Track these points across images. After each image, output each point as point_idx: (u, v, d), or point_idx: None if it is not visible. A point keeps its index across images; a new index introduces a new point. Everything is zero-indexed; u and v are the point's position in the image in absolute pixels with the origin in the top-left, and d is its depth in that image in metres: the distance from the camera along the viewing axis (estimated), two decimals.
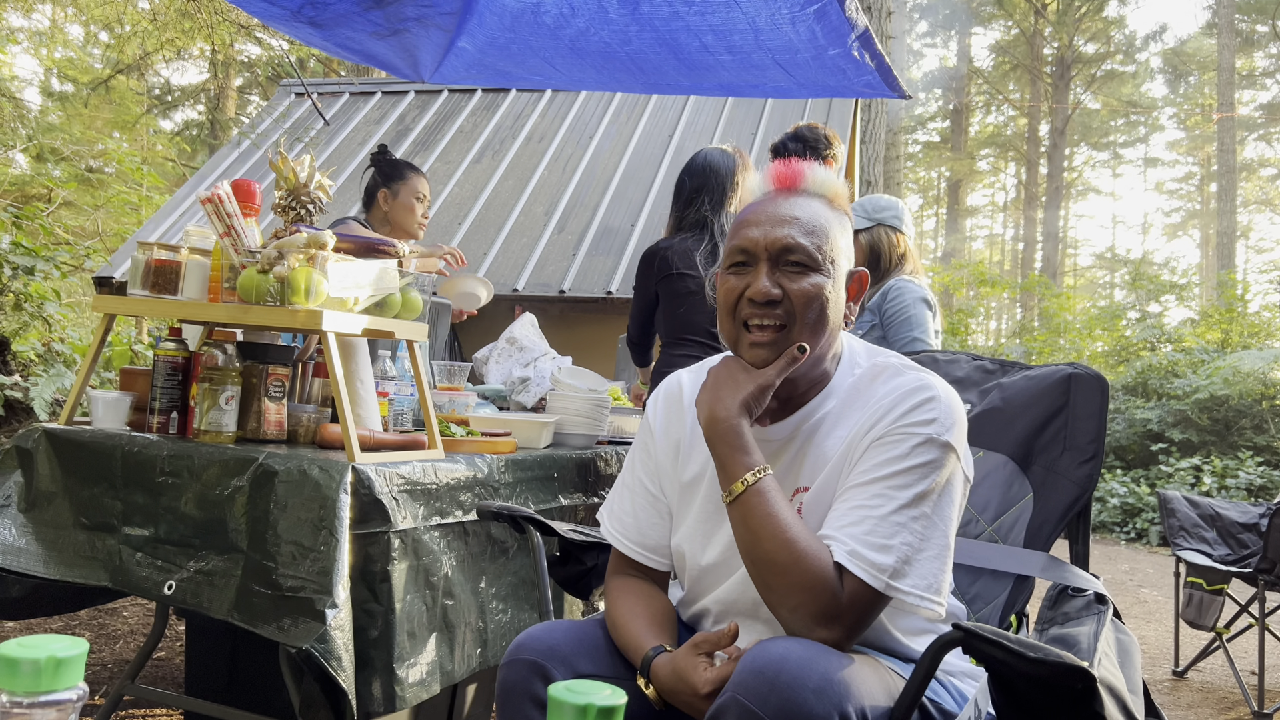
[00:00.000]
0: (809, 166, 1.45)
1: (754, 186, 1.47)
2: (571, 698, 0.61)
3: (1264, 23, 23.76)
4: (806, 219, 1.38)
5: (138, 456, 1.94)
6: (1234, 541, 4.25)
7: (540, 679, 1.32)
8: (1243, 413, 10.56)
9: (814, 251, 1.36)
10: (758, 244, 1.37)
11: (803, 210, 1.39)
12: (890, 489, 1.28)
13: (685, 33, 3.03)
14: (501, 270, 7.02)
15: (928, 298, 3.08)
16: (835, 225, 1.41)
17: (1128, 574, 7.25)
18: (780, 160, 1.47)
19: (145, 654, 2.29)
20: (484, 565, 2.11)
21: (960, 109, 29.55)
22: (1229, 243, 21.40)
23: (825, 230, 1.38)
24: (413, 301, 2.12)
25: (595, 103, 8.96)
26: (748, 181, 1.50)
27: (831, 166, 3.90)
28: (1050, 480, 1.75)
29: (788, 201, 1.40)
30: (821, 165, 1.47)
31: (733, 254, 1.40)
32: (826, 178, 1.44)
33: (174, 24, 6.46)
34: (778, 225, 1.37)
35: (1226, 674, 4.28)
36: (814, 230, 1.37)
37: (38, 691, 0.59)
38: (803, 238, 1.36)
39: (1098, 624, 1.37)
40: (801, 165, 1.45)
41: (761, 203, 1.42)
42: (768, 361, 1.35)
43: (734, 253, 1.40)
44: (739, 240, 1.40)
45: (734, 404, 1.34)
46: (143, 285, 2.04)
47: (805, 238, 1.36)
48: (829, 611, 1.23)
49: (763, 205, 1.41)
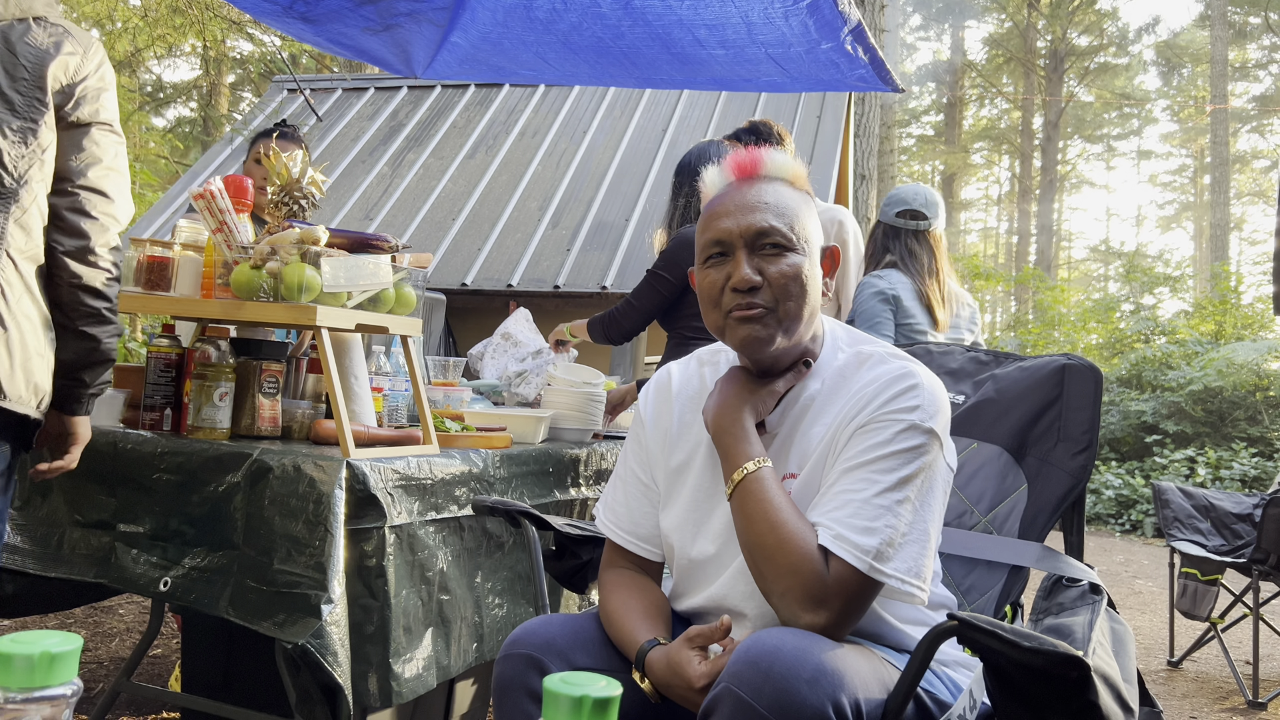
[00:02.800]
0: (766, 152, 1.46)
1: (714, 179, 1.48)
2: (567, 690, 0.61)
3: (1257, 14, 23.79)
4: (775, 202, 1.39)
5: (132, 453, 1.93)
6: (1228, 532, 4.27)
7: (536, 673, 1.32)
8: (1236, 404, 10.60)
9: (788, 232, 1.38)
10: (731, 233, 1.38)
11: (770, 194, 1.40)
12: (874, 473, 1.29)
13: (678, 27, 3.03)
14: (495, 266, 7.01)
15: (886, 292, 3.10)
16: (802, 205, 1.43)
17: (1123, 565, 7.27)
18: (736, 151, 1.47)
19: (141, 651, 2.29)
20: (479, 560, 2.11)
21: (954, 102, 29.56)
22: (1222, 235, 21.44)
23: (795, 210, 1.40)
24: (407, 296, 2.11)
25: (589, 98, 8.95)
26: (706, 175, 1.49)
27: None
28: (1045, 471, 1.76)
29: (752, 188, 1.41)
30: (778, 149, 1.47)
31: (708, 247, 1.41)
32: (785, 161, 1.46)
33: (165, 20, 6.44)
34: (748, 212, 1.38)
35: (1221, 664, 4.30)
36: (784, 212, 1.39)
37: (32, 687, 0.59)
38: (775, 220, 1.38)
39: (1092, 614, 1.37)
40: (759, 152, 1.46)
41: (726, 193, 1.43)
42: (757, 343, 1.36)
43: (709, 245, 1.41)
44: (712, 233, 1.41)
45: (741, 402, 1.39)
46: (135, 282, 2.04)
47: (778, 219, 1.38)
48: (815, 595, 1.23)
49: (728, 195, 1.42)
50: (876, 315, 3.08)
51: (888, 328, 3.08)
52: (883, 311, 3.09)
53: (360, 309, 1.99)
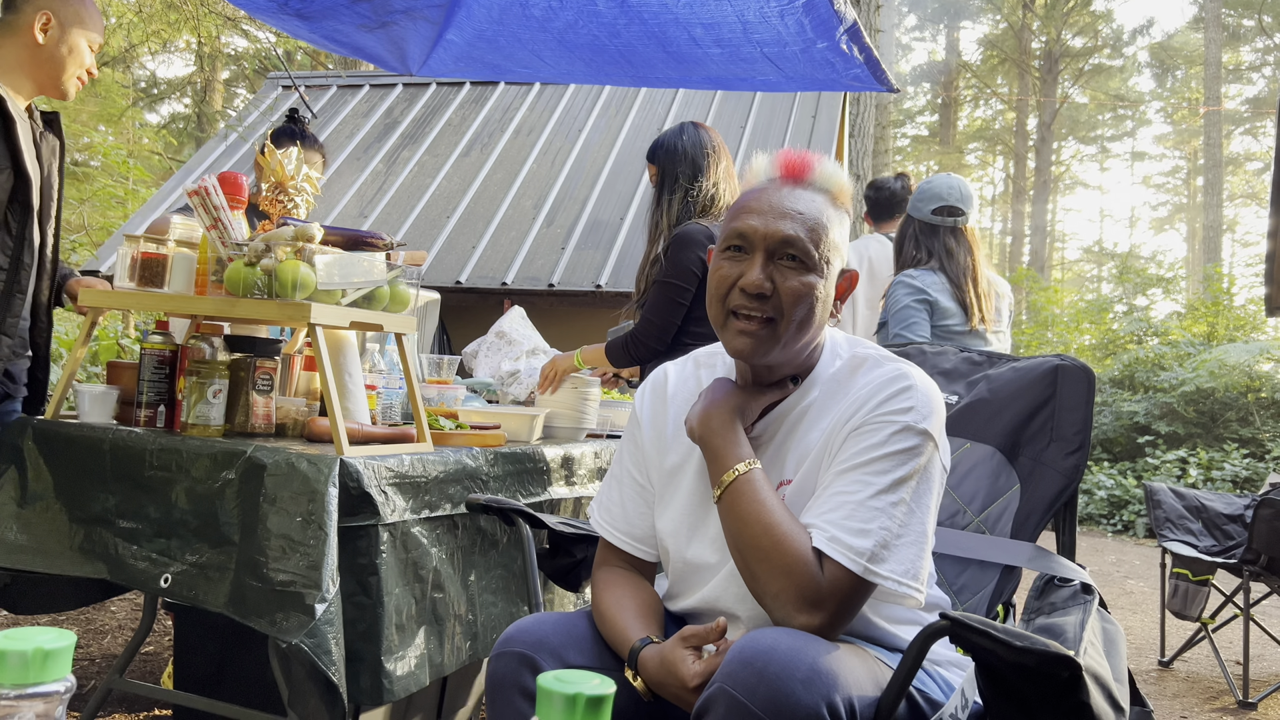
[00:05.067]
0: (819, 158, 1.44)
1: (760, 169, 1.46)
2: (560, 687, 0.61)
3: (1250, 17, 23.86)
4: (809, 214, 1.37)
5: (126, 451, 1.93)
6: (1219, 533, 4.28)
7: (529, 671, 1.32)
8: (1228, 405, 10.63)
9: (811, 249, 1.36)
10: (756, 232, 1.37)
11: (806, 204, 1.38)
12: (868, 475, 1.29)
13: (674, 26, 3.03)
14: (490, 264, 7.00)
15: (922, 293, 3.07)
16: (835, 223, 1.40)
17: (1115, 565, 7.29)
18: (791, 149, 1.45)
19: (133, 648, 2.29)
20: (473, 558, 2.11)
21: (948, 103, 29.60)
22: (1215, 236, 21.52)
23: (825, 228, 1.38)
24: (401, 294, 2.11)
25: (584, 96, 8.94)
26: (754, 162, 1.46)
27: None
28: (1037, 471, 1.77)
29: (792, 193, 1.40)
30: (830, 158, 1.46)
31: (730, 237, 1.40)
32: (834, 172, 1.43)
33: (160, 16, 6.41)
34: (779, 218, 1.37)
35: (1212, 664, 4.32)
36: (814, 226, 1.37)
37: (25, 684, 0.59)
38: (803, 234, 1.36)
39: (1084, 613, 1.38)
40: (811, 156, 1.43)
41: (765, 189, 1.41)
42: (751, 352, 1.36)
43: (732, 235, 1.39)
44: (739, 224, 1.39)
45: (727, 407, 1.38)
46: (129, 279, 2.04)
47: (805, 234, 1.36)
48: (810, 596, 1.23)
49: (766, 193, 1.40)
50: (911, 317, 3.04)
51: (924, 328, 3.04)
52: (919, 312, 3.05)
53: (355, 306, 1.99)
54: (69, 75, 2.33)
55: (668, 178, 2.90)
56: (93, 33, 2.35)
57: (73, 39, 2.30)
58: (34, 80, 2.31)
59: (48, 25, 2.27)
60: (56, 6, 2.28)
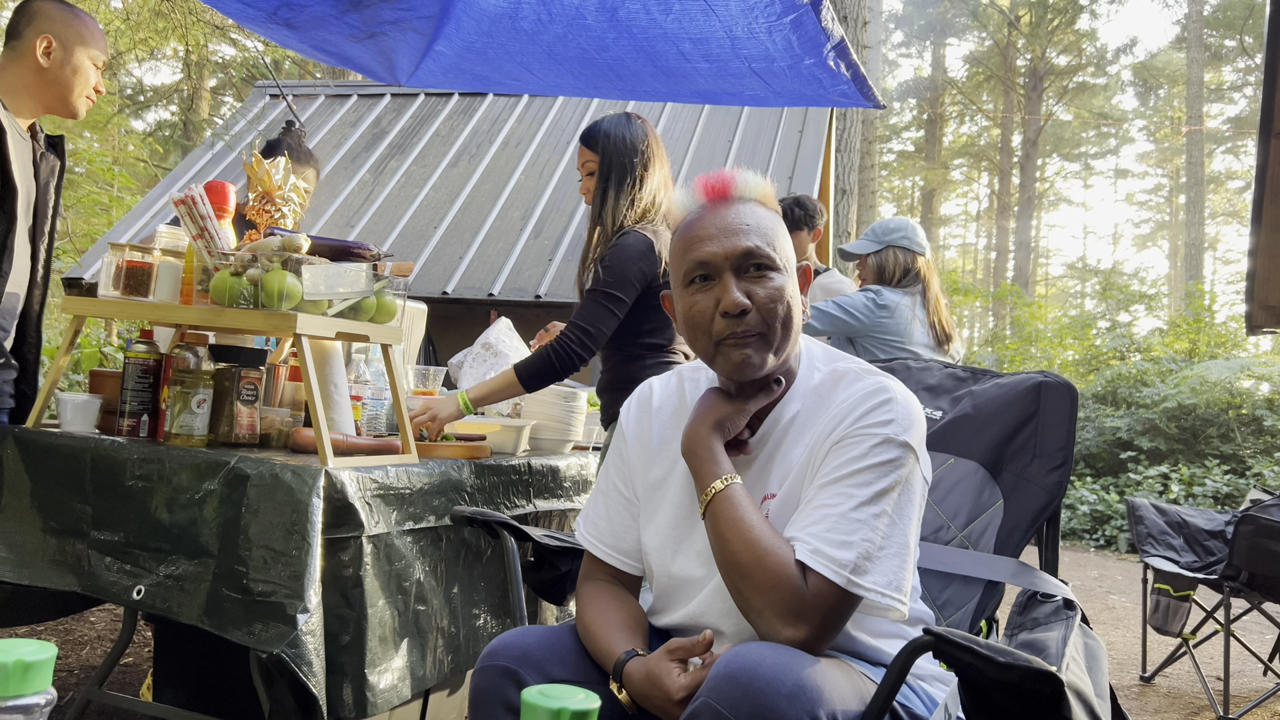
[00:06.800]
0: (737, 172, 1.45)
1: (686, 201, 1.46)
2: (545, 702, 0.61)
3: (1232, 37, 24.15)
4: (754, 223, 1.40)
5: (107, 460, 1.91)
6: (1200, 549, 4.31)
7: (513, 684, 1.32)
8: (1210, 421, 10.71)
9: (771, 253, 1.38)
10: (716, 255, 1.38)
11: (748, 215, 1.40)
12: (850, 487, 1.29)
13: (662, 40, 3.04)
14: (477, 275, 7.00)
15: (883, 301, 3.30)
16: (778, 224, 1.44)
17: (1097, 580, 7.32)
18: (704, 174, 1.46)
19: (113, 659, 2.26)
20: (457, 571, 2.10)
21: (934, 119, 29.81)
22: (1197, 254, 21.71)
23: (774, 230, 1.41)
24: (388, 305, 2.11)
25: (572, 108, 8.97)
26: (675, 197, 1.48)
27: (817, 238, 4.14)
28: (1020, 487, 1.77)
29: (730, 209, 1.41)
30: (745, 169, 1.47)
31: (692, 269, 1.40)
32: (755, 179, 1.46)
33: (147, 23, 6.39)
34: (731, 235, 1.38)
35: (1193, 679, 4.34)
36: (764, 231, 1.40)
37: (5, 696, 0.59)
38: (759, 241, 1.38)
39: (1066, 629, 1.38)
40: (729, 173, 1.45)
41: (701, 217, 1.42)
42: (753, 369, 1.37)
43: (694, 268, 1.40)
44: (695, 254, 1.39)
45: (708, 423, 1.39)
46: (114, 287, 2.03)
47: (761, 241, 1.38)
48: (794, 610, 1.23)
49: (704, 219, 1.41)
50: (856, 305, 3.31)
51: (865, 315, 3.29)
52: (867, 308, 3.30)
53: (341, 317, 1.98)
54: (77, 95, 2.34)
55: (614, 171, 2.63)
56: (96, 50, 2.35)
57: (77, 59, 2.31)
58: (40, 102, 2.32)
59: (50, 48, 2.27)
60: (57, 29, 2.28)
